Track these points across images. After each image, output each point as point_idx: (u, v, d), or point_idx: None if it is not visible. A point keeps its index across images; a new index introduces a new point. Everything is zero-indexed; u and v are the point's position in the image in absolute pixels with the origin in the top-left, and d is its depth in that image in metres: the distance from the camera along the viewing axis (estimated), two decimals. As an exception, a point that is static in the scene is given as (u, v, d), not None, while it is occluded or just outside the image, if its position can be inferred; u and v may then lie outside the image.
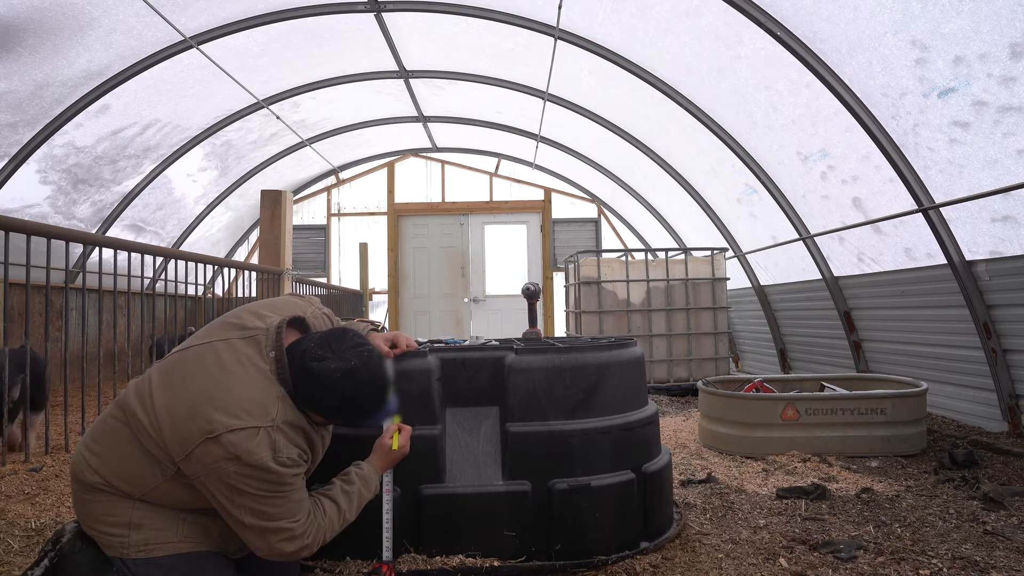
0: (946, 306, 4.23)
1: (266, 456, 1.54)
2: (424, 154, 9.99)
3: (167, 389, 1.62)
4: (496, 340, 2.94)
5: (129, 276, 4.70)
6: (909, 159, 3.95)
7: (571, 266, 7.15)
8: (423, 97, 7.72)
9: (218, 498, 1.57)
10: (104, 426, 1.69)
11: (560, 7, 4.97)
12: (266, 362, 1.64)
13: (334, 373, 1.62)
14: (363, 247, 9.24)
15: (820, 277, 5.53)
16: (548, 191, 9.96)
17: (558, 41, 5.57)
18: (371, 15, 5.56)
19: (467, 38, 6.07)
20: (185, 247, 8.08)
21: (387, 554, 2.04)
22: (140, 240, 7.15)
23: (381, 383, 1.73)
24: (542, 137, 8.26)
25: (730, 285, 7.00)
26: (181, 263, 4.54)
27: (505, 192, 10.03)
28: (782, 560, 2.27)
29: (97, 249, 5.50)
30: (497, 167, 10.00)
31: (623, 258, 6.89)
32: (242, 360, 1.64)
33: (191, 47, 5.25)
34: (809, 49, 4.07)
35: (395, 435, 1.98)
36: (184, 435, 1.54)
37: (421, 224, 10.07)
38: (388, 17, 5.67)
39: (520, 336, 3.56)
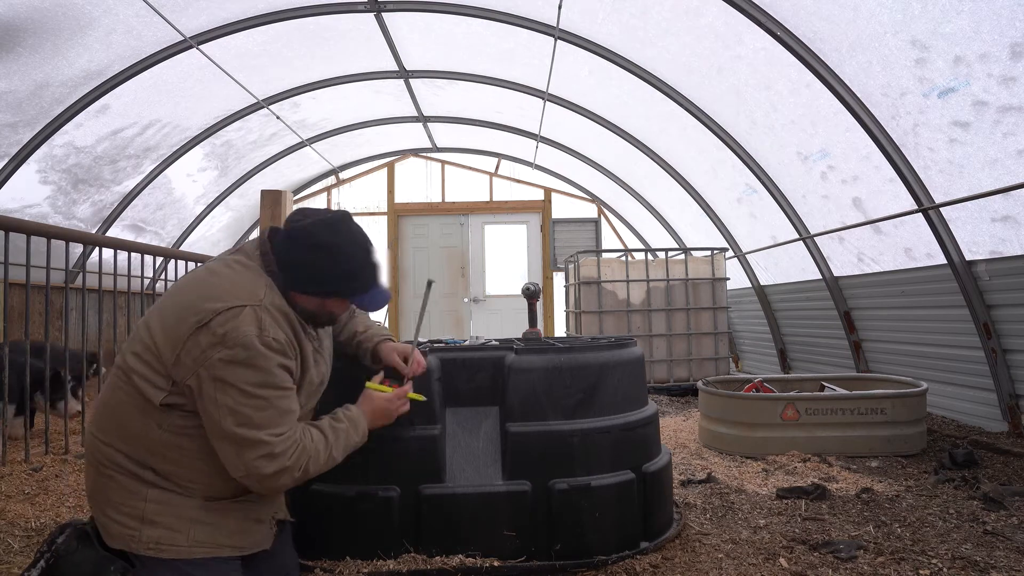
0: (946, 306, 4.23)
1: (250, 332, 1.52)
2: (424, 154, 9.99)
3: (159, 310, 1.64)
4: (496, 340, 2.94)
5: (129, 276, 4.70)
6: (909, 159, 3.95)
7: (571, 266, 7.15)
8: (423, 97, 7.72)
9: (204, 402, 1.52)
10: (102, 397, 1.69)
11: (560, 7, 4.97)
12: (253, 260, 1.68)
13: (314, 226, 1.65)
14: (363, 247, 9.23)
15: (820, 277, 5.53)
16: (548, 191, 9.96)
17: (558, 41, 5.56)
18: (371, 15, 5.56)
19: (467, 38, 6.07)
20: (185, 247, 8.08)
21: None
22: (140, 240, 7.15)
23: (362, 236, 1.73)
24: (542, 137, 8.26)
25: (730, 285, 7.00)
26: (181, 263, 4.54)
27: (505, 192, 10.03)
28: (782, 560, 2.27)
29: (97, 249, 5.50)
30: (497, 167, 10.00)
31: (623, 258, 6.89)
32: (230, 264, 1.67)
33: (191, 47, 5.25)
34: (809, 49, 4.07)
35: (387, 388, 1.94)
36: (175, 336, 1.55)
37: (421, 224, 10.07)
38: (388, 17, 5.67)
39: (520, 336, 3.56)
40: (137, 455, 1.60)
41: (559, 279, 9.67)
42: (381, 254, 9.81)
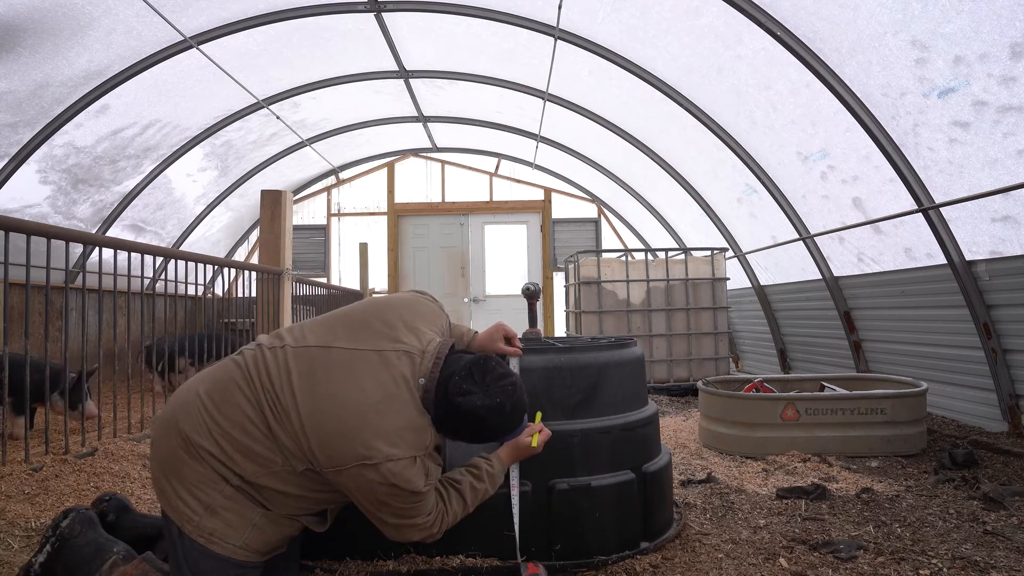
0: (946, 306, 4.23)
1: (420, 483, 1.62)
2: (424, 154, 9.99)
3: (313, 395, 1.60)
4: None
5: (129, 276, 4.70)
6: (909, 159, 3.95)
7: (571, 266, 7.15)
8: (423, 97, 7.72)
9: (362, 502, 1.66)
10: (228, 396, 1.64)
11: (560, 7, 4.97)
12: (416, 386, 1.66)
13: (480, 410, 1.67)
14: (363, 247, 9.23)
15: (820, 277, 5.53)
16: (548, 191, 9.96)
17: (558, 41, 5.57)
18: (371, 15, 5.56)
19: (467, 38, 6.07)
20: (185, 247, 8.08)
21: (519, 554, 2.07)
22: (140, 240, 7.15)
23: (522, 411, 1.79)
24: (542, 137, 8.26)
25: (730, 285, 7.00)
26: (181, 263, 4.53)
27: (505, 192, 10.03)
28: (782, 560, 2.27)
29: (97, 249, 5.50)
30: (497, 167, 10.00)
31: (623, 258, 6.89)
32: (396, 379, 1.64)
33: (191, 47, 5.25)
34: (809, 49, 4.07)
35: (535, 435, 1.98)
36: (336, 453, 1.57)
37: (421, 224, 10.07)
38: (388, 17, 5.67)
39: (520, 336, 3.55)
40: (241, 470, 1.60)
41: (559, 279, 9.67)
42: (381, 257, 9.81)
